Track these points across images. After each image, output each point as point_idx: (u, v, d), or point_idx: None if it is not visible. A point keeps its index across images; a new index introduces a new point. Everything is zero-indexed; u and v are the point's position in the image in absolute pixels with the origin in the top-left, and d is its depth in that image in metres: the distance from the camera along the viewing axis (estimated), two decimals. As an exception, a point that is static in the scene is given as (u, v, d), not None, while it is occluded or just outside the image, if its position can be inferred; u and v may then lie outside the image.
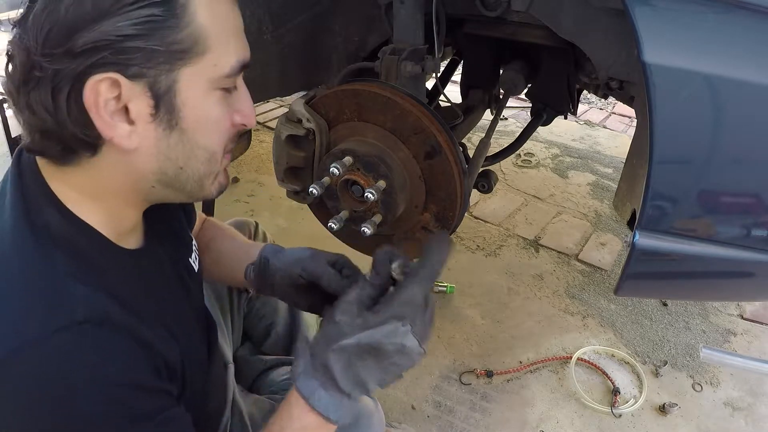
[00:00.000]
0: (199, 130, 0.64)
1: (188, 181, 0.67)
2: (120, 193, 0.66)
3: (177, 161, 0.65)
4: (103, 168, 0.63)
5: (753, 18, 0.69)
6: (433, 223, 1.12)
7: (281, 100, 3.69)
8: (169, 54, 0.58)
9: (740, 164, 0.79)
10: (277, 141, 1.15)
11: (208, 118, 0.65)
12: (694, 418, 1.60)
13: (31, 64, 0.57)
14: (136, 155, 0.63)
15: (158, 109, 0.61)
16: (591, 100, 3.75)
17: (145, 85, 0.59)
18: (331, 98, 1.09)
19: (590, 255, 2.27)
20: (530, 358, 1.78)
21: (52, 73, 0.56)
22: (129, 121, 0.60)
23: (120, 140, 0.60)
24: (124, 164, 0.63)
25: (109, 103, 0.58)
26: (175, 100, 0.61)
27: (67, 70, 0.56)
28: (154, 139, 0.62)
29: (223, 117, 0.67)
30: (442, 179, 1.06)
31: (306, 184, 1.18)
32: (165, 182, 0.67)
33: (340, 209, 1.11)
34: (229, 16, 0.64)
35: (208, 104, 0.64)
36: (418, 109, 1.03)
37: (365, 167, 1.04)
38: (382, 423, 1.10)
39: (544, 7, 1.03)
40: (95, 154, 0.62)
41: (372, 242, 1.20)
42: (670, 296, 1.85)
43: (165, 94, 0.60)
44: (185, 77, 0.61)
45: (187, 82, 0.61)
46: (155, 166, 0.64)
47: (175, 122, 0.62)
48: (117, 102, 0.59)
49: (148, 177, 0.65)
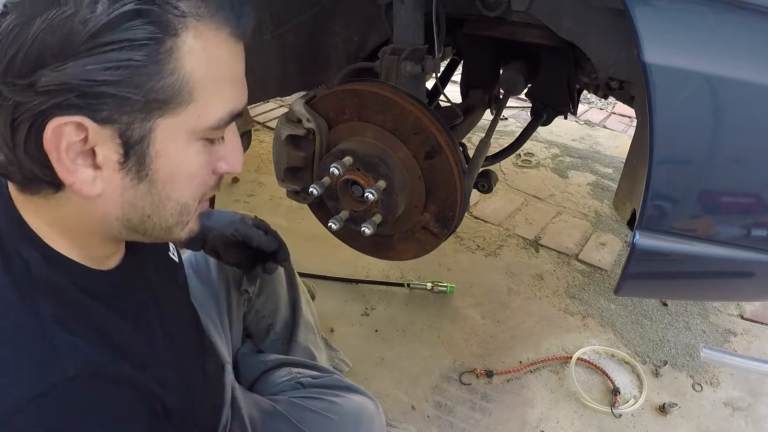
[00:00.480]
0: (172, 183, 0.58)
1: (155, 228, 0.62)
2: (88, 230, 0.61)
3: (143, 210, 0.59)
4: (68, 206, 0.58)
5: (753, 18, 0.69)
6: (433, 223, 1.12)
7: (281, 100, 3.69)
8: (145, 103, 0.52)
9: (740, 164, 0.79)
10: (277, 141, 1.15)
11: (183, 172, 0.58)
12: (694, 418, 1.60)
13: None
14: (99, 200, 0.57)
15: (127, 158, 0.54)
16: (591, 100, 3.75)
17: (115, 130, 0.52)
18: (331, 98, 1.09)
19: (590, 255, 2.27)
20: (530, 358, 1.78)
21: (13, 105, 0.50)
22: (95, 165, 0.54)
23: (81, 186, 0.54)
24: (86, 207, 0.58)
25: (73, 146, 0.52)
26: (148, 150, 0.54)
27: (29, 104, 0.49)
28: (120, 187, 0.56)
29: (202, 168, 0.60)
30: (442, 179, 1.06)
31: (306, 184, 1.18)
32: (130, 228, 0.61)
33: (340, 209, 1.11)
34: (227, 62, 0.57)
35: (187, 156, 0.57)
36: (418, 109, 1.03)
37: (365, 167, 1.04)
38: (382, 425, 1.10)
39: (544, 7, 1.03)
40: (58, 190, 0.57)
41: (372, 242, 1.21)
42: (670, 296, 1.85)
43: (137, 144, 0.54)
44: (163, 128, 0.54)
45: (165, 132, 0.54)
46: (119, 213, 0.59)
47: (145, 173, 0.56)
48: (83, 144, 0.52)
49: (112, 222, 0.60)
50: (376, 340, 1.82)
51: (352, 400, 1.02)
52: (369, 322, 1.89)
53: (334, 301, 1.99)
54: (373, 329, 1.85)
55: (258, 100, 1.43)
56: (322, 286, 1.97)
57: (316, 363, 1.32)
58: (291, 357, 1.31)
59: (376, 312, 1.94)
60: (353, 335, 1.83)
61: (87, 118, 0.50)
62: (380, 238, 1.18)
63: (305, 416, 0.92)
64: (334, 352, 1.60)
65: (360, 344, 1.79)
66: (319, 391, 1.14)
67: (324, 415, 0.97)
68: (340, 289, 2.05)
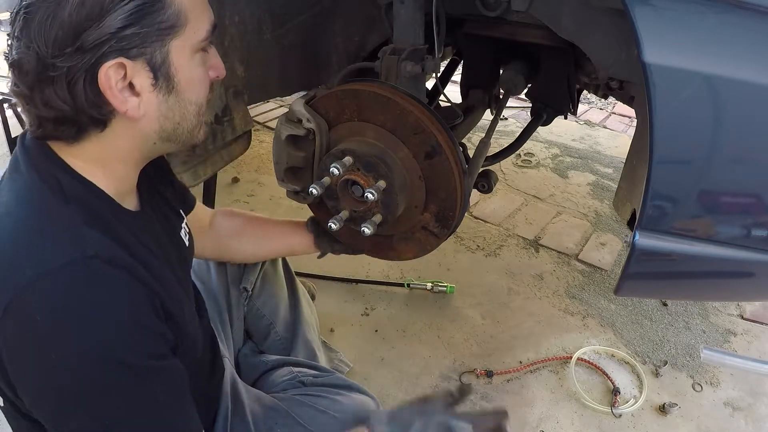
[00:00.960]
0: (189, 90, 0.76)
1: (183, 133, 0.79)
2: (123, 156, 0.77)
3: (174, 118, 0.76)
4: (111, 138, 0.74)
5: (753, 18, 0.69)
6: (433, 223, 1.12)
7: (281, 100, 3.69)
8: (159, 32, 0.69)
9: (740, 164, 0.79)
10: (277, 141, 1.14)
11: (195, 78, 0.77)
12: (694, 418, 1.60)
13: (44, 66, 0.65)
14: (142, 121, 0.73)
15: (157, 79, 0.72)
16: (591, 100, 3.75)
17: (144, 62, 0.69)
18: (331, 98, 1.09)
19: (590, 255, 2.27)
20: (530, 358, 1.78)
21: (66, 70, 0.65)
22: (135, 94, 0.71)
23: (132, 112, 0.71)
24: (131, 130, 0.74)
25: (119, 83, 0.68)
26: (170, 69, 0.72)
27: (79, 64, 0.65)
28: (156, 104, 0.73)
29: (205, 74, 0.79)
30: (443, 179, 1.06)
31: (306, 184, 1.18)
32: (164, 138, 0.78)
33: (340, 209, 1.11)
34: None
35: (194, 66, 0.76)
36: (418, 109, 1.03)
37: (365, 167, 1.04)
38: None
39: (544, 7, 1.03)
40: (104, 129, 0.72)
41: (371, 242, 1.20)
42: (670, 296, 1.85)
43: (161, 66, 0.71)
44: (174, 48, 0.72)
45: (177, 51, 0.72)
46: (157, 127, 0.76)
47: (172, 87, 0.74)
48: (124, 81, 0.69)
49: (151, 136, 0.76)
50: (376, 340, 1.82)
51: (353, 399, 1.03)
52: (369, 322, 1.89)
53: (334, 301, 1.99)
54: (373, 329, 1.85)
55: (258, 100, 1.43)
56: (322, 286, 1.97)
57: (316, 363, 1.32)
58: (292, 357, 1.31)
59: (376, 312, 1.94)
60: (353, 335, 1.83)
61: (123, 58, 0.67)
62: (380, 238, 1.18)
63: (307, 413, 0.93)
64: (333, 353, 1.60)
65: (360, 344, 1.79)
66: (321, 390, 1.15)
67: (325, 413, 0.97)
68: (340, 289, 2.05)
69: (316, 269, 2.06)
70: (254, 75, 1.34)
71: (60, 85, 0.66)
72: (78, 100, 0.68)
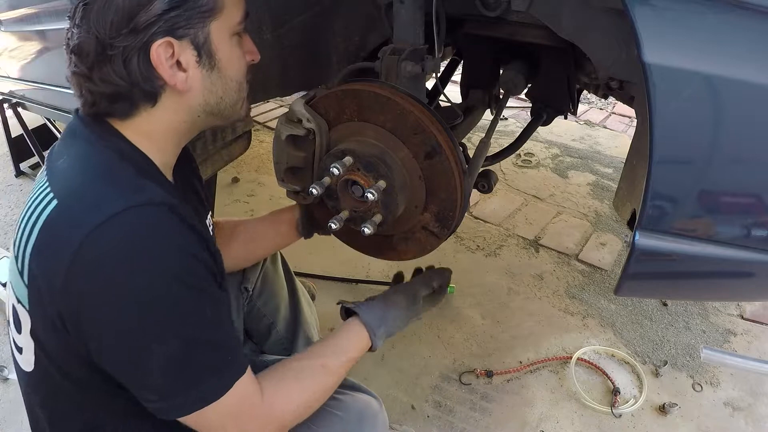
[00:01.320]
0: (229, 67, 0.87)
1: (226, 107, 0.90)
2: (170, 130, 0.87)
3: (217, 93, 0.87)
4: (160, 112, 0.84)
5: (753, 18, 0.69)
6: (433, 223, 1.12)
7: (281, 100, 3.69)
8: (200, 15, 0.80)
9: (740, 164, 0.79)
10: (278, 141, 1.14)
11: (234, 57, 0.87)
12: (694, 418, 1.60)
13: (103, 47, 0.76)
14: (189, 94, 0.84)
15: (201, 57, 0.82)
16: (591, 100, 3.75)
17: (188, 40, 0.80)
18: (331, 98, 1.09)
19: (590, 255, 2.27)
20: (530, 358, 1.78)
21: (122, 49, 0.76)
22: (182, 69, 0.81)
23: (180, 85, 0.81)
24: (179, 104, 0.84)
25: (168, 60, 0.79)
26: (211, 47, 0.83)
27: (133, 44, 0.76)
28: (200, 79, 0.83)
29: (241, 55, 0.89)
30: (443, 179, 1.06)
31: (306, 184, 1.18)
32: (208, 111, 0.88)
33: (340, 209, 1.10)
34: None
35: (232, 47, 0.86)
36: (418, 109, 1.03)
37: (365, 167, 1.04)
38: (385, 423, 1.10)
39: (544, 7, 1.03)
40: (155, 104, 0.83)
41: (372, 242, 1.20)
42: (670, 296, 1.85)
43: (203, 45, 0.82)
44: (214, 29, 0.82)
45: (216, 32, 0.82)
46: (202, 100, 0.86)
47: (213, 63, 0.84)
48: (172, 58, 0.79)
49: (196, 109, 0.86)
50: (376, 340, 1.82)
51: (357, 398, 1.03)
52: (369, 322, 1.89)
53: (334, 301, 1.99)
54: (373, 329, 1.85)
55: (258, 100, 1.43)
56: (322, 286, 1.97)
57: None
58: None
59: (376, 312, 1.94)
60: (353, 335, 1.83)
61: (170, 37, 0.78)
62: (380, 238, 1.18)
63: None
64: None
65: (360, 344, 1.79)
66: None
67: (329, 412, 0.98)
68: (340, 289, 2.05)
69: (316, 269, 2.07)
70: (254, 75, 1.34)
71: (117, 63, 0.77)
72: (133, 75, 0.78)
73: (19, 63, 2.35)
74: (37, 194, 0.81)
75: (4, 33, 2.24)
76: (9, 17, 2.13)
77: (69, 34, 0.80)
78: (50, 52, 2.02)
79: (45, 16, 1.84)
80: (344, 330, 1.02)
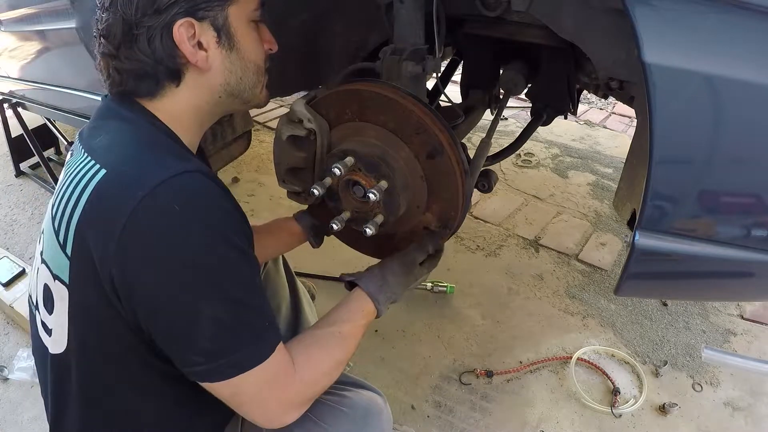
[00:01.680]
0: (248, 50, 0.92)
1: (245, 88, 0.95)
2: (193, 109, 0.92)
3: (237, 73, 0.92)
4: (184, 92, 0.89)
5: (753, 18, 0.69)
6: (435, 223, 1.12)
7: (281, 100, 3.69)
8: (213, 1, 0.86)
9: (740, 164, 0.79)
10: (278, 142, 1.14)
11: (252, 40, 0.93)
12: (694, 418, 1.60)
13: (129, 26, 0.83)
14: (210, 73, 0.89)
15: (220, 38, 0.88)
16: (591, 100, 3.75)
17: (208, 22, 0.86)
18: (332, 98, 1.09)
19: (590, 255, 2.27)
20: (530, 358, 1.78)
21: (146, 28, 0.83)
22: (204, 49, 0.87)
23: (201, 63, 0.87)
24: (200, 83, 0.90)
25: (190, 39, 0.85)
26: (230, 29, 0.89)
27: (157, 23, 0.83)
28: (220, 59, 0.89)
29: (258, 40, 0.96)
30: (444, 179, 1.06)
31: (307, 185, 1.17)
32: (229, 91, 0.93)
33: (342, 210, 1.10)
34: None
35: (249, 31, 0.93)
36: (420, 109, 1.03)
37: (367, 167, 1.03)
38: (390, 419, 1.11)
39: (544, 7, 1.03)
40: (179, 84, 0.89)
41: (373, 243, 1.20)
42: (670, 296, 1.85)
43: (222, 27, 0.88)
44: (232, 13, 0.88)
45: (234, 16, 0.89)
46: (222, 80, 0.91)
47: (233, 44, 0.90)
48: (193, 37, 0.85)
49: (217, 89, 0.92)
50: (376, 340, 1.82)
51: (361, 394, 1.03)
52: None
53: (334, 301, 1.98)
54: (373, 329, 1.85)
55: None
56: (322, 286, 1.97)
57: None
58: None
59: (376, 312, 1.94)
60: (353, 335, 1.83)
61: (191, 18, 0.84)
62: (382, 238, 1.18)
63: (316, 407, 0.93)
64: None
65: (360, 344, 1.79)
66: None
67: (335, 408, 0.98)
68: (340, 289, 2.04)
69: (316, 269, 2.07)
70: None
71: (142, 42, 0.83)
72: (157, 53, 0.84)
73: (19, 63, 2.35)
74: (78, 168, 0.83)
75: (4, 33, 2.24)
76: (9, 17, 2.13)
77: (97, 19, 0.86)
78: (50, 52, 2.02)
79: (45, 16, 1.84)
80: (349, 300, 1.05)
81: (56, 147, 3.22)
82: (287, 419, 0.86)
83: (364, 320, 1.02)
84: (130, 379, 0.88)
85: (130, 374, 0.87)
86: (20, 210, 2.74)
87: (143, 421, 0.92)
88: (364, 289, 1.05)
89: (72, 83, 2.00)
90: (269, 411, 0.85)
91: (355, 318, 1.01)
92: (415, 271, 1.11)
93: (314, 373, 0.89)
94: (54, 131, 2.85)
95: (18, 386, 1.76)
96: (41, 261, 0.89)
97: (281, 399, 0.85)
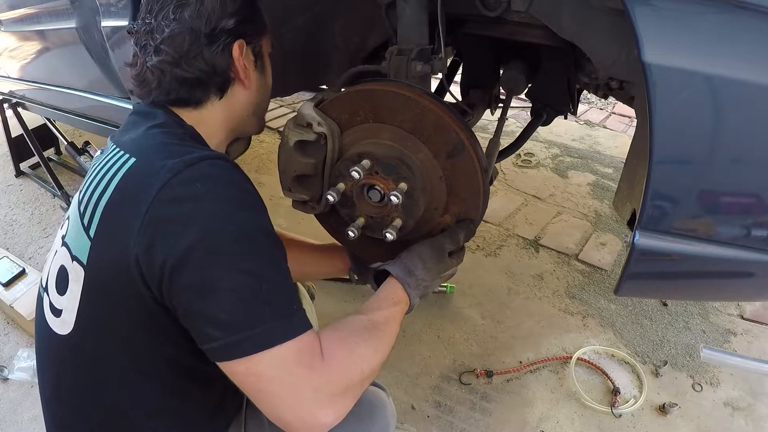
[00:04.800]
0: (269, 76, 1.08)
1: (263, 111, 1.09)
2: (225, 123, 1.01)
3: (263, 95, 1.06)
4: (224, 105, 0.99)
5: (753, 18, 0.69)
6: (453, 224, 1.09)
7: (281, 100, 3.69)
8: (261, 29, 1.02)
9: (740, 164, 0.79)
10: (285, 148, 1.09)
11: (270, 70, 1.08)
12: (694, 418, 1.60)
13: (197, 37, 0.92)
14: (247, 92, 1.01)
15: (257, 62, 1.02)
16: (591, 100, 3.75)
17: (251, 48, 0.99)
18: (344, 100, 1.05)
19: (590, 255, 2.27)
20: (530, 358, 1.78)
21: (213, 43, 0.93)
22: (248, 68, 0.99)
23: (248, 81, 0.99)
24: (239, 98, 1.01)
25: (239, 58, 0.96)
26: (263, 57, 1.04)
27: (219, 40, 0.93)
28: (256, 80, 1.02)
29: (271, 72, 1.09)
30: (466, 179, 1.02)
31: (315, 192, 1.13)
32: (254, 111, 1.05)
33: (355, 216, 1.07)
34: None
35: (269, 62, 1.07)
36: (438, 108, 1.00)
37: (385, 170, 1.00)
38: (394, 413, 1.12)
39: (544, 7, 1.03)
40: (221, 96, 0.98)
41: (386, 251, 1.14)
42: (670, 296, 1.85)
43: (258, 53, 1.02)
44: (264, 44, 1.04)
45: (264, 47, 1.04)
46: (254, 99, 1.04)
47: (263, 69, 1.04)
48: (242, 56, 0.97)
49: (248, 107, 1.03)
50: (376, 340, 1.82)
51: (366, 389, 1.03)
52: (369, 322, 1.89)
53: (334, 300, 1.99)
54: (373, 329, 1.85)
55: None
56: (322, 286, 1.97)
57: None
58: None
59: (376, 312, 1.94)
60: (353, 335, 1.83)
61: (243, 41, 0.97)
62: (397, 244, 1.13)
63: None
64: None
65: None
66: None
67: None
68: (340, 289, 2.05)
69: (316, 269, 2.06)
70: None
71: (207, 53, 0.93)
72: (217, 65, 0.94)
73: (19, 63, 2.35)
74: (109, 158, 0.90)
75: (4, 33, 2.24)
76: (9, 17, 2.13)
77: (150, 27, 0.92)
78: (50, 52, 2.02)
79: (45, 16, 1.84)
80: (379, 289, 1.04)
81: (56, 147, 3.21)
82: (322, 416, 0.77)
83: (395, 307, 1.00)
84: (133, 358, 0.87)
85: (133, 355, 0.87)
86: (20, 210, 2.74)
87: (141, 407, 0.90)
88: (392, 273, 1.03)
89: (72, 83, 2.00)
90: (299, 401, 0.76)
91: (384, 305, 0.98)
92: (446, 260, 1.07)
93: (344, 361, 0.82)
94: (54, 131, 2.85)
95: (18, 386, 1.76)
96: (62, 244, 0.92)
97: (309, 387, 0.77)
